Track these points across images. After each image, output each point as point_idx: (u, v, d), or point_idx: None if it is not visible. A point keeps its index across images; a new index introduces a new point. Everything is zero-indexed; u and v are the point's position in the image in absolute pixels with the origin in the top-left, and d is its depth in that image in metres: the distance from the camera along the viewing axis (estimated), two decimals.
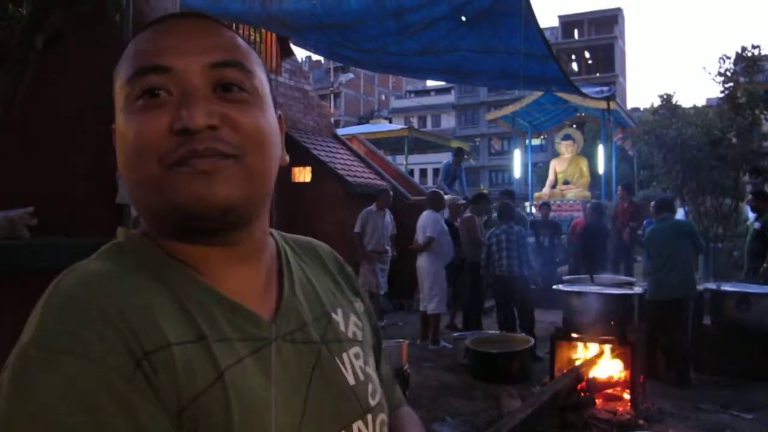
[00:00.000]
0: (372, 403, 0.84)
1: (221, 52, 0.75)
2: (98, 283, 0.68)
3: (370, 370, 0.88)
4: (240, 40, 0.80)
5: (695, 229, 7.00)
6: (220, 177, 0.71)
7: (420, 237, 8.07)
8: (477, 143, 52.50)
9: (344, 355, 0.84)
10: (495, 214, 9.94)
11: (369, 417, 0.83)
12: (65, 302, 0.66)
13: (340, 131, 16.57)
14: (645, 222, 10.74)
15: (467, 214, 8.76)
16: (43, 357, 0.62)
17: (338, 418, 0.79)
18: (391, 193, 9.64)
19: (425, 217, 8.12)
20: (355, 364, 0.85)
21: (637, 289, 6.17)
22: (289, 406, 0.73)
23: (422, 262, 8.07)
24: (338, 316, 0.88)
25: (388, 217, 9.03)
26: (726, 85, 15.90)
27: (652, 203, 10.46)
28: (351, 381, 0.82)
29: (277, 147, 0.81)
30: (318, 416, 0.76)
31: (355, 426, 0.80)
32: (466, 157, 24.40)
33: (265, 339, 0.75)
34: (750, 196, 9.23)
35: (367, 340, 0.92)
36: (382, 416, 0.86)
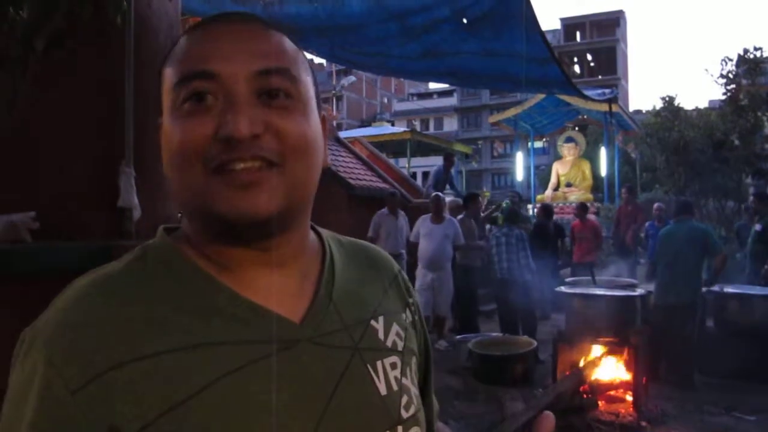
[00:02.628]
0: (405, 415, 0.81)
1: (268, 58, 0.75)
2: (94, 291, 0.72)
3: (408, 381, 0.85)
4: (287, 45, 0.80)
5: (710, 232, 6.93)
6: (262, 188, 0.72)
7: None
8: (479, 146, 52.49)
9: (378, 364, 0.81)
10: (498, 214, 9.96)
11: (399, 429, 0.80)
12: (62, 303, 0.71)
13: (343, 134, 16.57)
14: (647, 225, 10.73)
15: (461, 217, 8.73)
16: (27, 347, 0.70)
17: (362, 427, 0.76)
18: (398, 195, 9.62)
19: None
20: (390, 374, 0.82)
21: (640, 291, 6.16)
22: (303, 412, 0.72)
23: None
24: (378, 324, 0.86)
25: (403, 220, 8.98)
26: (728, 88, 15.89)
27: (655, 205, 10.49)
28: (382, 390, 0.80)
29: (320, 152, 0.81)
30: (339, 423, 0.74)
31: None
32: (467, 158, 24.40)
33: (288, 341, 0.74)
34: (752, 198, 9.21)
35: (409, 351, 0.89)
36: (416, 429, 0.83)
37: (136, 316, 0.69)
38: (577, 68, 54.72)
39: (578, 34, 57.32)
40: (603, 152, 17.45)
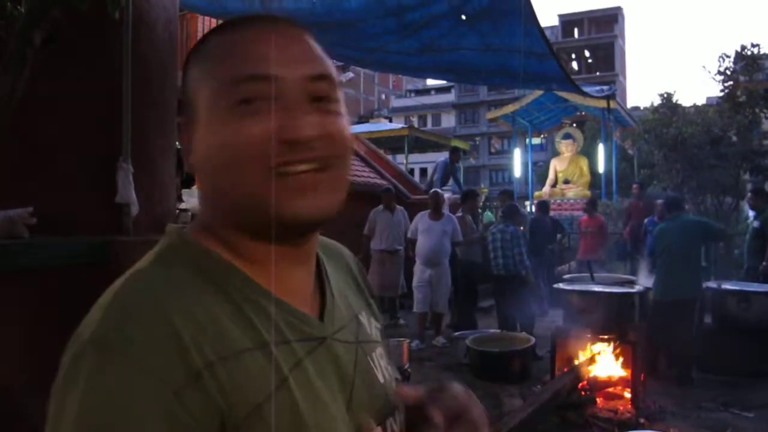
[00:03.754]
0: (396, 400, 0.86)
1: (317, 64, 0.78)
2: (162, 291, 0.70)
3: (391, 369, 0.91)
4: (322, 48, 0.81)
5: (706, 221, 6.94)
6: (319, 191, 0.74)
7: None
8: (477, 142, 52.50)
9: (374, 355, 0.87)
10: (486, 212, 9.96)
11: (396, 413, 0.85)
12: (129, 307, 0.68)
13: None
14: (646, 221, 10.72)
15: (459, 214, 8.74)
16: (99, 359, 0.64)
17: (375, 416, 0.81)
18: (393, 191, 9.59)
19: None
20: (381, 364, 0.88)
21: (638, 288, 6.16)
22: (339, 404, 0.76)
23: None
24: (363, 318, 0.91)
25: (400, 215, 8.96)
26: (726, 84, 15.93)
27: (658, 201, 10.48)
28: (381, 379, 0.85)
29: None
30: (359, 412, 0.78)
31: (388, 422, 0.83)
32: (465, 154, 24.39)
33: (318, 339, 0.78)
34: (750, 194, 9.22)
35: (384, 338, 0.95)
36: (402, 414, 0.88)
37: (211, 315, 0.69)
38: (575, 65, 54.73)
39: (576, 30, 57.35)
40: (601, 149, 17.44)
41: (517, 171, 19.69)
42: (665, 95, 18.71)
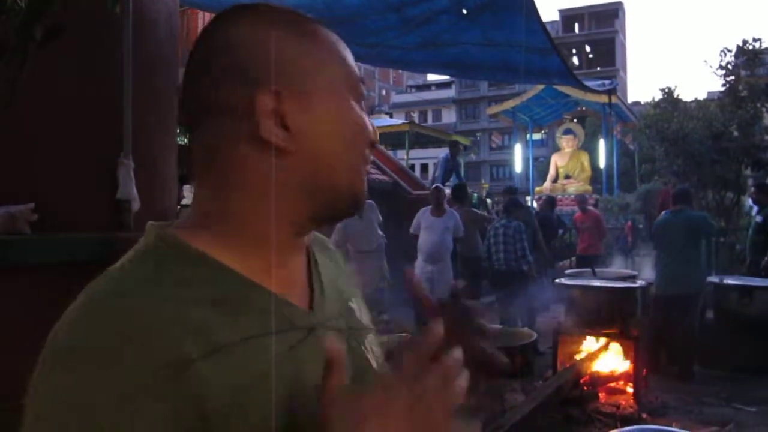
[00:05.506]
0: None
1: None
2: (134, 293, 0.68)
3: (382, 355, 0.92)
4: None
5: (706, 218, 6.93)
6: None
7: None
8: (478, 138, 52.47)
9: (366, 342, 0.88)
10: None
11: None
12: (100, 311, 0.66)
13: None
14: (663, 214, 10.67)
15: (458, 208, 8.68)
16: (70, 361, 0.63)
17: None
18: None
19: None
20: (375, 352, 0.88)
21: (640, 283, 6.16)
22: None
23: None
24: (354, 306, 0.91)
25: (369, 213, 8.18)
26: (727, 79, 15.92)
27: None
28: (375, 366, 0.86)
29: None
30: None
31: None
32: (465, 150, 24.41)
33: (307, 328, 0.77)
34: (753, 189, 9.20)
35: (374, 326, 0.95)
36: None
37: (185, 314, 0.66)
38: (575, 60, 54.65)
39: (576, 25, 57.29)
40: (601, 144, 17.44)
41: (518, 166, 19.70)
42: (666, 90, 18.76)
